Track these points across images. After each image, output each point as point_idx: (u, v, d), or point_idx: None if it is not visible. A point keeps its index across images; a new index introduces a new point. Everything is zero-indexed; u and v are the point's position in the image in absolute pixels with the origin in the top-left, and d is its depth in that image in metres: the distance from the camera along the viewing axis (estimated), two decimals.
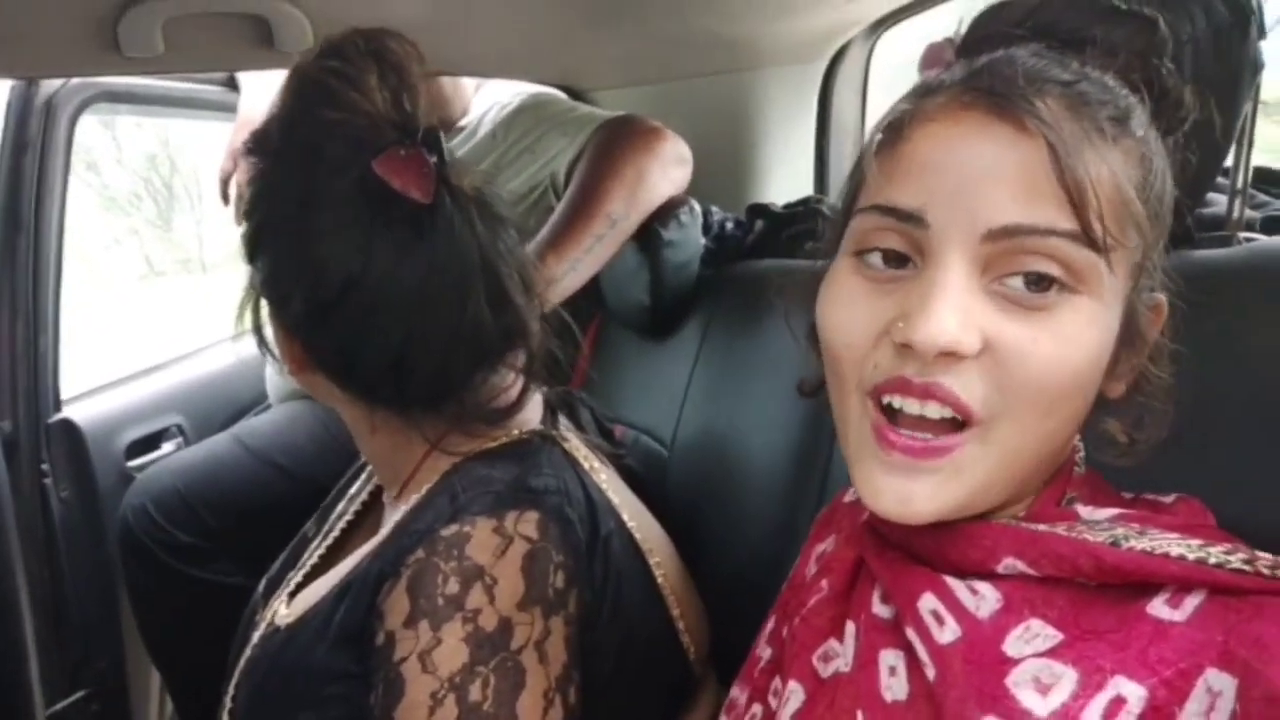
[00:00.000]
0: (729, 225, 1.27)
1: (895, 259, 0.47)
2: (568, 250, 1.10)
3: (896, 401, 0.46)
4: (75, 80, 1.42)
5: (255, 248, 0.74)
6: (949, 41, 0.54)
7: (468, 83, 1.43)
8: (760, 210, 1.27)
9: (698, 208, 1.23)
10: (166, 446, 1.63)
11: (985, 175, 0.44)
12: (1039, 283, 0.45)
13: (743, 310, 1.13)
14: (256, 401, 1.68)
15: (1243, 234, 0.67)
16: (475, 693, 0.61)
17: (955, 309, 0.44)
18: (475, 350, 0.72)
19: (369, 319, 0.69)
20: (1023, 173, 0.44)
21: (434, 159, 0.68)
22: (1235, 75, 0.63)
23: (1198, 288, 0.51)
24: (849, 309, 0.49)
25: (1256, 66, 0.64)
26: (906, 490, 0.46)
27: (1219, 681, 0.40)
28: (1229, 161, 0.67)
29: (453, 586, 0.64)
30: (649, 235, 1.18)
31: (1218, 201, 0.69)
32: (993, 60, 0.48)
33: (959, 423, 0.46)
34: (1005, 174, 0.44)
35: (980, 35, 0.52)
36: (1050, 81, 0.46)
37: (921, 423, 0.46)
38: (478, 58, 1.30)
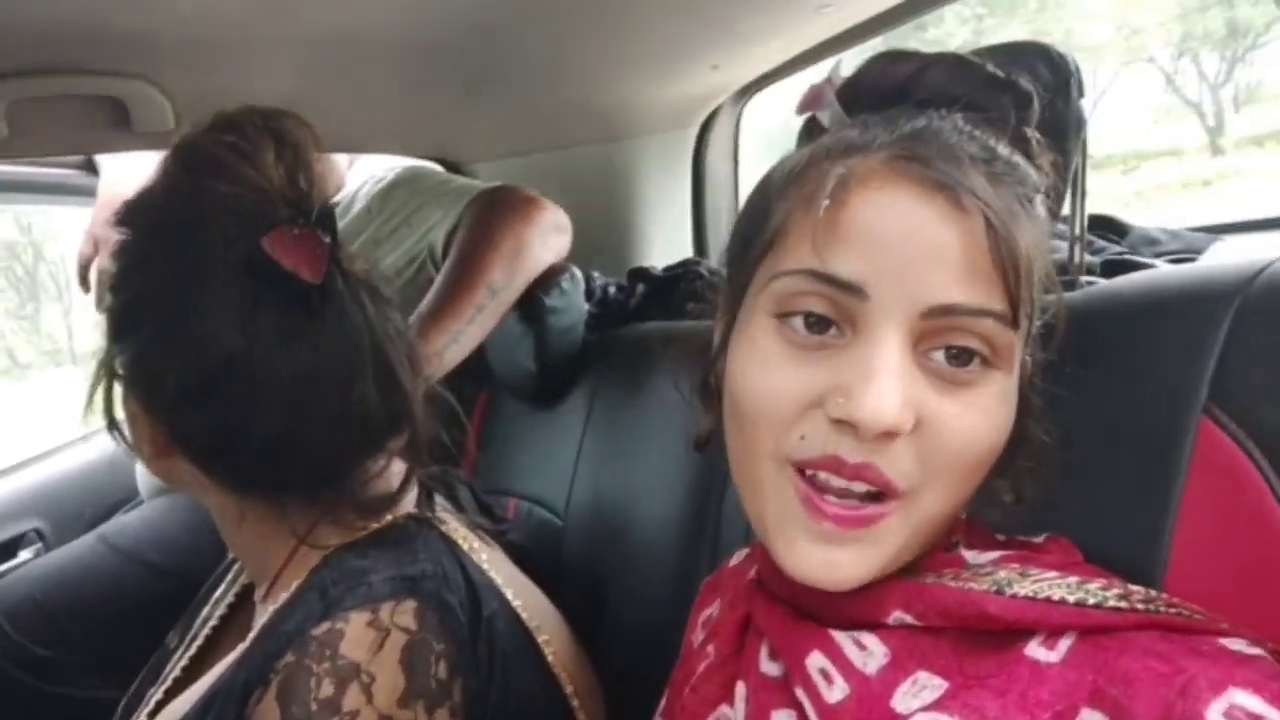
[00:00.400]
0: (611, 290, 1.29)
1: (818, 323, 0.46)
2: (449, 323, 1.08)
3: (823, 476, 0.46)
4: None
5: (123, 324, 0.69)
6: (829, 84, 0.53)
7: (341, 158, 1.41)
8: (641, 274, 1.29)
9: (579, 274, 1.24)
10: (23, 554, 1.50)
11: (929, 253, 0.44)
12: (959, 357, 0.45)
13: (629, 372, 1.13)
14: (127, 499, 1.57)
15: (1084, 278, 0.71)
16: None
17: (898, 387, 0.44)
18: (360, 435, 0.69)
19: (249, 400, 0.65)
20: (963, 251, 0.44)
21: (327, 239, 0.66)
22: (1064, 131, 0.68)
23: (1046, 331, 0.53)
24: (774, 376, 0.47)
25: (1081, 122, 0.68)
26: (832, 558, 0.46)
27: None
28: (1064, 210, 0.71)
29: (327, 689, 0.60)
30: (532, 303, 1.18)
31: (1058, 248, 0.73)
32: (918, 129, 0.48)
33: (880, 494, 0.46)
34: (948, 252, 0.44)
35: (868, 89, 0.52)
36: (975, 159, 0.46)
37: (846, 493, 0.46)
38: (349, 134, 1.28)
